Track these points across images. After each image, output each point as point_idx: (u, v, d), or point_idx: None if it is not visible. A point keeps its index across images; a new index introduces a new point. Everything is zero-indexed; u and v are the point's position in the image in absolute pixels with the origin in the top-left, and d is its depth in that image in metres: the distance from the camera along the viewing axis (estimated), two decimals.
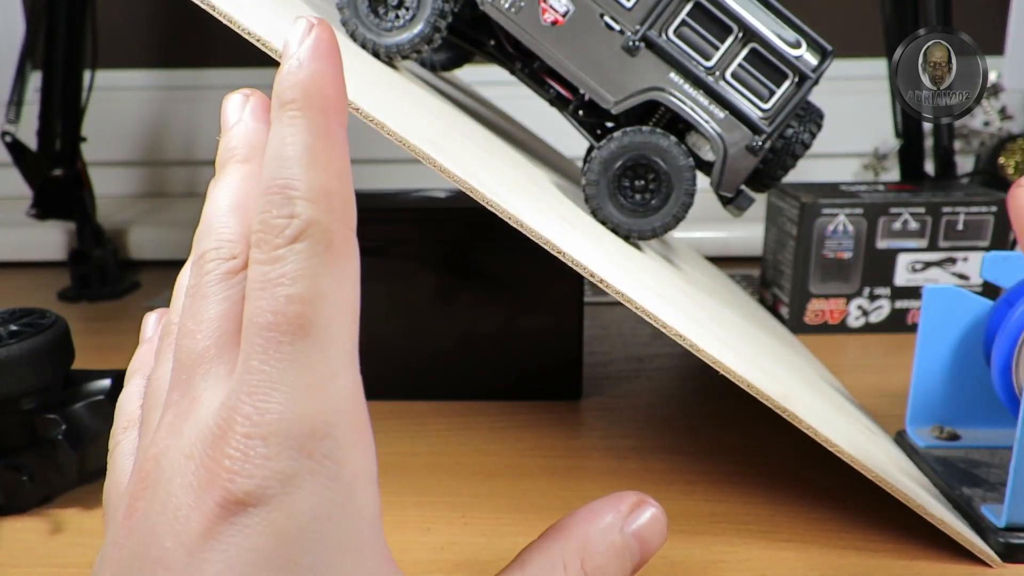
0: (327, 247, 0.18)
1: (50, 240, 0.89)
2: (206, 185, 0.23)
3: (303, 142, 0.18)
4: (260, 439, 0.16)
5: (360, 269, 0.19)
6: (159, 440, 0.17)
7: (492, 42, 0.46)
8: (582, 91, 0.43)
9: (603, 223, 0.43)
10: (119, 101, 0.99)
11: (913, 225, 0.65)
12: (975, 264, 0.65)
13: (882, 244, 0.65)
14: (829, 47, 0.41)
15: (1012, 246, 0.67)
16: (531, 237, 0.34)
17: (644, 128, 0.42)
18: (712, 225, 0.87)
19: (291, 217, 0.17)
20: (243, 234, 0.20)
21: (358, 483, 0.17)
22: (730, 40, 0.41)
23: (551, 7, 0.41)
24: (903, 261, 0.66)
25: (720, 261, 0.82)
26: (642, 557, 0.22)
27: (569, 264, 0.34)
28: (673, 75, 0.41)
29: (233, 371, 0.17)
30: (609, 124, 0.46)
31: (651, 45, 0.41)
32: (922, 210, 0.64)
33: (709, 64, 0.41)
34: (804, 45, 0.41)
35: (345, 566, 0.16)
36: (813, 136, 0.45)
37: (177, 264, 0.23)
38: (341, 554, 0.16)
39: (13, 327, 0.40)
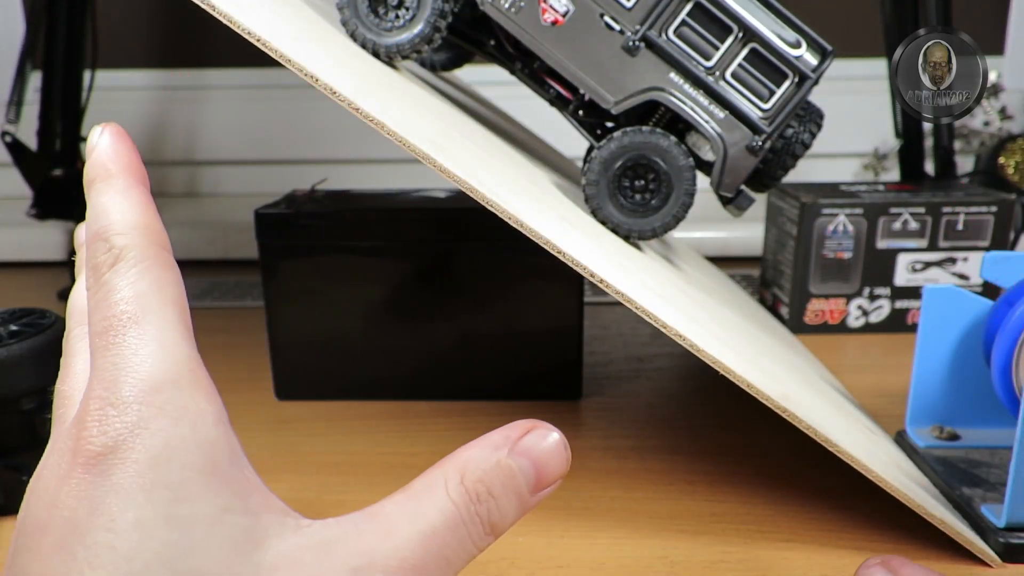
0: (142, 260, 0.21)
1: (50, 240, 0.89)
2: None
3: (108, 200, 0.22)
4: (110, 405, 0.19)
5: (182, 279, 0.22)
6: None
7: (492, 42, 0.46)
8: (582, 91, 0.43)
9: (603, 223, 0.43)
10: (119, 101, 0.99)
11: (913, 225, 0.65)
12: (975, 264, 0.65)
13: (882, 244, 0.65)
14: (829, 47, 0.41)
15: (1012, 246, 0.67)
16: (531, 237, 0.34)
17: (644, 128, 0.42)
18: (712, 225, 0.87)
19: (109, 250, 0.21)
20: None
21: (203, 421, 0.20)
22: (730, 40, 0.41)
23: (551, 7, 0.41)
24: (903, 261, 0.66)
25: (720, 261, 0.82)
26: (538, 480, 0.21)
27: (569, 264, 0.34)
28: (673, 75, 0.41)
29: None
30: (609, 124, 0.46)
31: (651, 45, 0.41)
32: (922, 210, 0.64)
33: (709, 64, 0.41)
34: (804, 45, 0.41)
35: (206, 489, 0.19)
36: (813, 136, 0.45)
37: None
38: (200, 478, 0.19)
39: (13, 327, 0.40)
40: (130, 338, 0.20)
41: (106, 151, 0.24)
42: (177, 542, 0.18)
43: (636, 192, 0.43)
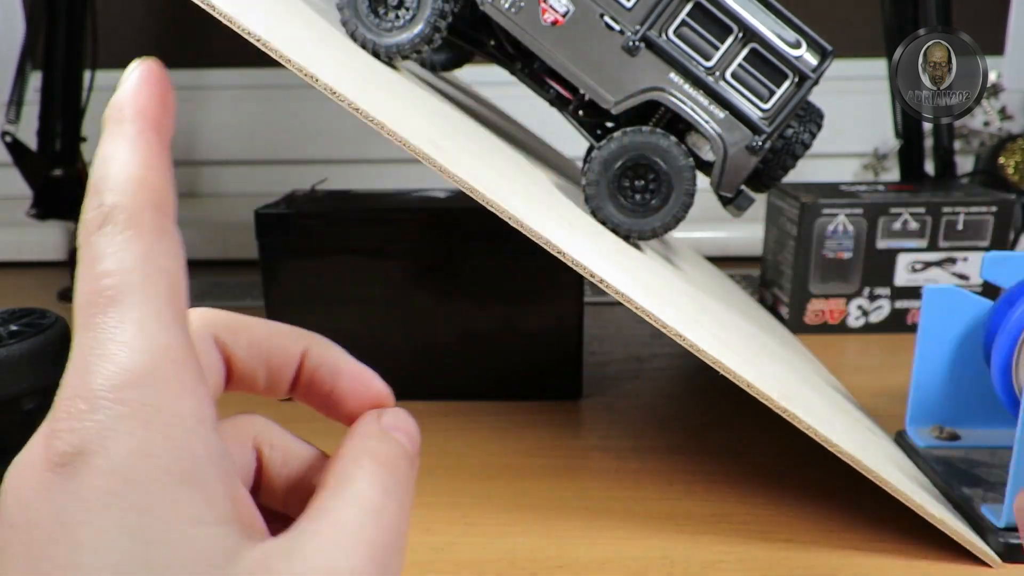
0: (132, 226, 0.19)
1: (50, 240, 0.89)
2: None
3: (111, 147, 0.20)
4: (80, 398, 0.17)
5: (182, 249, 0.20)
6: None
7: (492, 42, 0.46)
8: (582, 91, 0.43)
9: (603, 223, 0.43)
10: None
11: (913, 225, 0.65)
12: (975, 264, 0.65)
13: (882, 244, 0.65)
14: (829, 47, 0.41)
15: (1012, 246, 0.67)
16: (531, 237, 0.34)
17: (644, 128, 0.42)
18: (712, 225, 0.87)
19: (99, 207, 0.19)
20: None
21: (180, 424, 0.18)
22: (730, 40, 0.41)
23: (551, 7, 0.41)
24: (903, 261, 0.66)
25: (720, 261, 0.82)
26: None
27: (569, 264, 0.34)
28: (673, 75, 0.41)
29: None
30: (609, 124, 0.46)
31: (651, 45, 0.41)
32: (922, 210, 0.64)
33: (709, 64, 0.41)
34: (804, 45, 0.41)
35: (176, 499, 0.17)
36: (813, 136, 0.45)
37: None
38: (171, 488, 0.17)
39: (13, 327, 0.40)
40: (109, 319, 0.18)
41: (127, 91, 0.21)
42: (143, 556, 0.17)
43: (636, 192, 0.43)
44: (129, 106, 0.21)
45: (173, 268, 0.19)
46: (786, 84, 0.41)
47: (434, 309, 0.53)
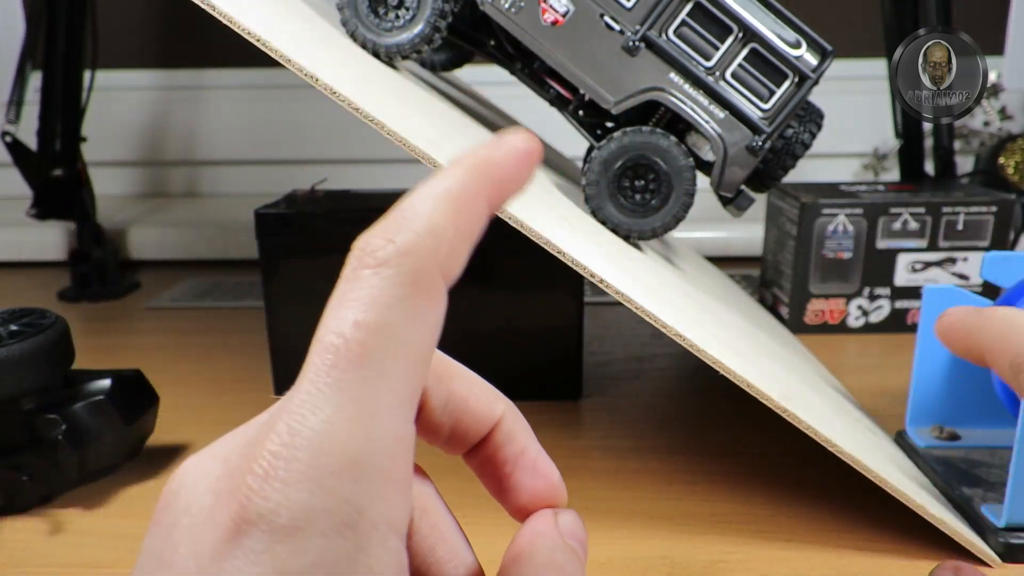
0: (412, 283, 0.17)
1: (50, 240, 0.89)
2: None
3: (442, 188, 0.18)
4: (284, 460, 0.15)
5: (442, 320, 0.18)
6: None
7: (492, 42, 0.46)
8: (582, 91, 0.43)
9: (603, 223, 0.43)
10: (119, 101, 0.99)
11: (913, 225, 0.65)
12: (975, 264, 0.65)
13: (882, 244, 0.65)
14: (829, 47, 0.41)
15: (1012, 246, 0.67)
16: (531, 237, 0.34)
17: (644, 128, 0.42)
18: (712, 225, 0.87)
19: (388, 242, 0.17)
20: None
21: (376, 534, 0.16)
22: (730, 40, 0.41)
23: (551, 7, 0.41)
24: (903, 261, 0.66)
25: (720, 261, 0.82)
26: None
27: (569, 264, 0.34)
28: (673, 75, 0.41)
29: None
30: (609, 124, 0.46)
31: (651, 45, 0.41)
32: (922, 210, 0.64)
33: (709, 64, 0.41)
34: (804, 45, 0.41)
35: None
36: (813, 136, 0.45)
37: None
38: None
39: (13, 327, 0.40)
40: (347, 381, 0.16)
41: (494, 150, 0.19)
42: None
43: (636, 192, 0.43)
44: (483, 163, 0.19)
45: (430, 344, 0.18)
46: (786, 84, 0.41)
47: None
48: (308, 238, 0.52)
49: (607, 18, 0.41)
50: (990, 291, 0.44)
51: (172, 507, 0.17)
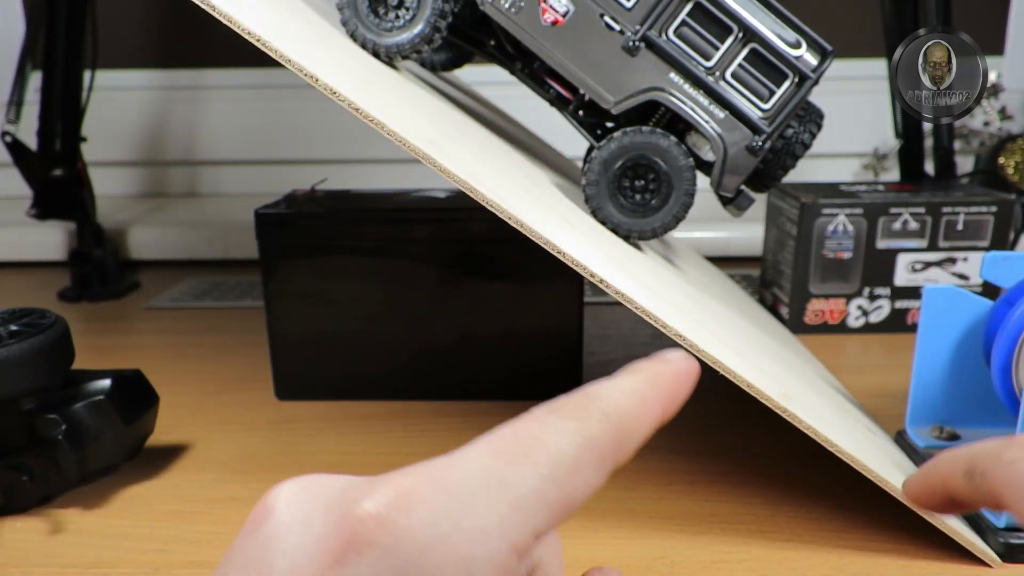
0: (588, 437, 0.19)
1: (50, 240, 0.89)
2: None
3: (634, 385, 0.20)
4: (417, 503, 0.17)
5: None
6: None
7: (492, 42, 0.46)
8: (582, 91, 0.43)
9: (603, 223, 0.43)
10: (119, 101, 0.99)
11: (913, 225, 0.65)
12: (975, 264, 0.65)
13: (882, 244, 0.65)
14: (829, 47, 0.41)
15: (1012, 246, 0.67)
16: (531, 237, 0.34)
17: (644, 128, 0.42)
18: (712, 225, 0.87)
19: (587, 405, 0.20)
20: None
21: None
22: (730, 40, 0.41)
23: (551, 7, 0.41)
24: (903, 261, 0.66)
25: (720, 261, 0.82)
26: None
27: (569, 264, 0.34)
28: (673, 75, 0.41)
29: None
30: (609, 124, 0.46)
31: (651, 45, 0.41)
32: (922, 210, 0.64)
33: (709, 64, 0.41)
34: (804, 45, 0.41)
35: None
36: (813, 136, 0.44)
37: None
38: None
39: (13, 327, 0.40)
40: (514, 465, 0.17)
41: (669, 366, 0.21)
42: None
43: (636, 192, 0.43)
44: (670, 376, 0.21)
45: (578, 500, 0.18)
46: (786, 84, 0.41)
47: (434, 309, 0.53)
48: (308, 238, 0.52)
49: (607, 18, 0.41)
50: (990, 291, 0.44)
51: (272, 520, 0.17)
